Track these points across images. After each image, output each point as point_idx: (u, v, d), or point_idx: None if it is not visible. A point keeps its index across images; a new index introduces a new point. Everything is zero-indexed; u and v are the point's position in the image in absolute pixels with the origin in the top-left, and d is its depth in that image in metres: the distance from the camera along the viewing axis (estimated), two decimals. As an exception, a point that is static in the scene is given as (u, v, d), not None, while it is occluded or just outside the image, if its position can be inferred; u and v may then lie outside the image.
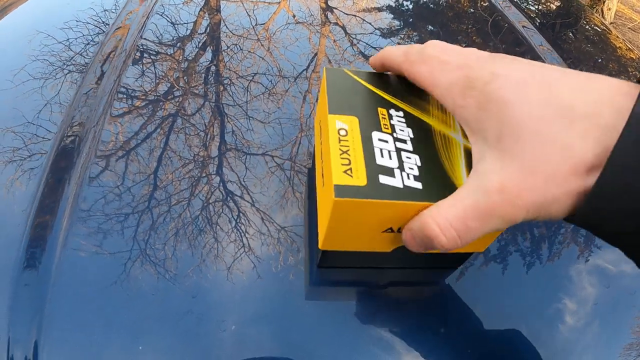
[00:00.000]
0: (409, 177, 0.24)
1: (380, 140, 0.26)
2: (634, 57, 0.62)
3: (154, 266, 0.28)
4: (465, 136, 0.26)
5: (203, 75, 0.43)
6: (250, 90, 0.41)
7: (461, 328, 0.28)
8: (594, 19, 0.71)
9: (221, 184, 0.33)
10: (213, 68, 0.44)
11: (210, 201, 0.32)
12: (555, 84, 0.20)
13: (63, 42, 0.47)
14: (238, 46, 0.47)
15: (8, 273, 0.27)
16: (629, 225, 0.19)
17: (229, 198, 0.32)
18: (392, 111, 0.28)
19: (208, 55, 0.46)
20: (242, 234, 0.30)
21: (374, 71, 0.30)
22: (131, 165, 0.33)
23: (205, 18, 0.51)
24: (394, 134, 0.26)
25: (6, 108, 0.38)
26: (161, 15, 0.50)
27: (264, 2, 0.55)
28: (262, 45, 0.47)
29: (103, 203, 0.31)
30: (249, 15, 0.52)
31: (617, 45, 0.64)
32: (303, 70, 0.44)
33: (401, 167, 0.24)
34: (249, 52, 0.46)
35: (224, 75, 0.43)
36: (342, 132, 0.26)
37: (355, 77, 0.30)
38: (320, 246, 0.27)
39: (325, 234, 0.26)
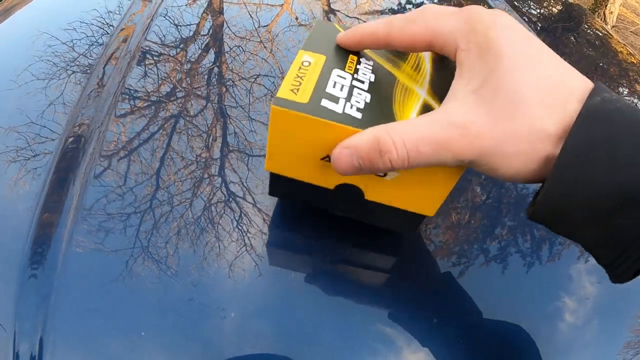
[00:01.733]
0: (351, 107, 0.24)
1: (338, 76, 0.26)
2: (635, 61, 0.62)
3: (157, 263, 0.28)
4: (430, 94, 0.26)
5: (206, 77, 0.43)
6: (253, 92, 0.41)
7: (460, 325, 0.29)
8: (595, 23, 0.71)
9: (223, 185, 0.33)
10: (216, 70, 0.44)
11: (213, 202, 0.32)
12: (547, 59, 0.21)
13: (67, 43, 0.47)
14: (241, 48, 0.47)
15: (15, 268, 0.28)
16: (580, 216, 0.20)
17: (231, 199, 0.32)
18: (363, 59, 0.28)
19: (211, 57, 0.46)
20: (244, 234, 0.30)
21: None
22: (135, 166, 0.34)
23: (208, 20, 0.52)
24: (355, 75, 0.26)
25: (15, 108, 0.39)
26: (165, 17, 0.50)
27: (267, 4, 0.55)
28: (265, 47, 0.47)
29: (107, 202, 0.31)
30: (252, 18, 0.52)
31: (619, 50, 0.64)
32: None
33: (348, 99, 0.24)
34: (252, 54, 0.46)
35: (227, 77, 0.43)
36: (305, 64, 0.26)
37: (337, 27, 0.30)
38: (265, 167, 0.27)
39: (267, 152, 0.26)
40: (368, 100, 0.25)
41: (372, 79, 0.27)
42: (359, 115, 0.24)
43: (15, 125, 0.37)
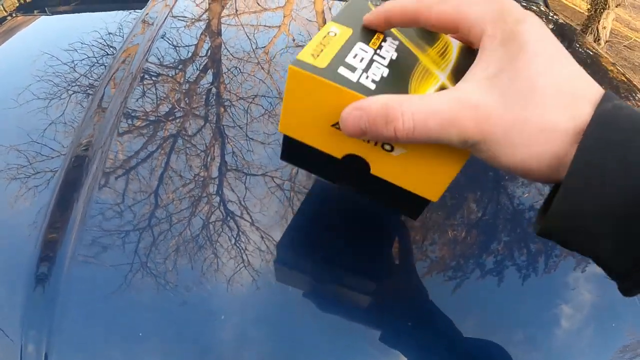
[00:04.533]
0: (367, 78, 0.24)
1: (361, 49, 0.26)
2: (625, 80, 0.63)
3: (156, 277, 0.29)
4: (450, 79, 0.26)
5: (205, 97, 0.44)
6: (251, 112, 0.42)
7: (457, 331, 0.29)
8: (586, 42, 0.72)
9: (222, 204, 0.34)
10: (215, 90, 0.45)
11: (211, 220, 0.32)
12: (566, 61, 0.22)
13: (69, 64, 0.48)
14: (239, 69, 0.48)
15: (22, 280, 0.29)
16: (594, 224, 0.19)
17: (229, 217, 0.33)
18: (389, 38, 0.28)
19: (210, 78, 0.47)
20: (242, 251, 0.31)
21: None
22: (135, 185, 0.34)
23: (207, 42, 0.53)
24: (378, 50, 0.27)
25: (18, 128, 0.40)
26: (165, 39, 0.51)
27: (265, 25, 0.57)
28: (262, 68, 0.48)
29: (108, 220, 0.32)
30: (250, 39, 0.53)
31: (609, 69, 0.66)
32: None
33: (365, 70, 0.25)
34: (250, 75, 0.47)
35: (225, 97, 0.44)
36: (331, 34, 0.27)
37: (370, 5, 0.31)
38: (279, 128, 0.28)
39: (282, 112, 0.26)
40: (385, 75, 0.25)
41: (394, 57, 0.27)
42: (372, 86, 0.24)
43: (24, 146, 0.38)
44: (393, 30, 0.29)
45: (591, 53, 0.69)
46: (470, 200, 0.38)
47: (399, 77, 0.25)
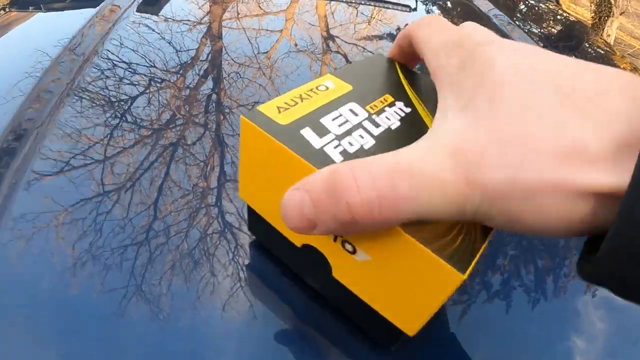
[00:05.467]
0: (335, 147, 0.18)
1: (350, 110, 0.21)
2: (641, 77, 0.62)
3: (75, 268, 0.26)
4: None
5: (156, 81, 0.43)
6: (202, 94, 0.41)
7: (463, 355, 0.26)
8: (597, 40, 0.71)
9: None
10: (165, 74, 0.44)
11: (147, 203, 0.30)
12: (555, 60, 0.15)
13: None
14: (189, 53, 0.47)
15: None
16: None
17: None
18: (400, 103, 0.22)
19: (166, 63, 0.46)
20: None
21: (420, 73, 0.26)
22: (67, 172, 0.32)
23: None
24: (373, 116, 0.21)
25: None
26: (128, 24, 0.51)
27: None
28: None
29: (33, 208, 0.30)
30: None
31: (622, 66, 0.64)
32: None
33: (340, 137, 0.19)
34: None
35: (172, 81, 0.43)
36: (321, 88, 0.22)
37: (395, 64, 0.26)
38: (239, 193, 0.23)
39: (240, 173, 0.22)
40: (367, 147, 0.19)
41: (395, 126, 0.20)
42: (338, 159, 0.18)
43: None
44: (411, 95, 0.23)
45: (602, 52, 0.68)
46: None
47: (386, 151, 0.17)
